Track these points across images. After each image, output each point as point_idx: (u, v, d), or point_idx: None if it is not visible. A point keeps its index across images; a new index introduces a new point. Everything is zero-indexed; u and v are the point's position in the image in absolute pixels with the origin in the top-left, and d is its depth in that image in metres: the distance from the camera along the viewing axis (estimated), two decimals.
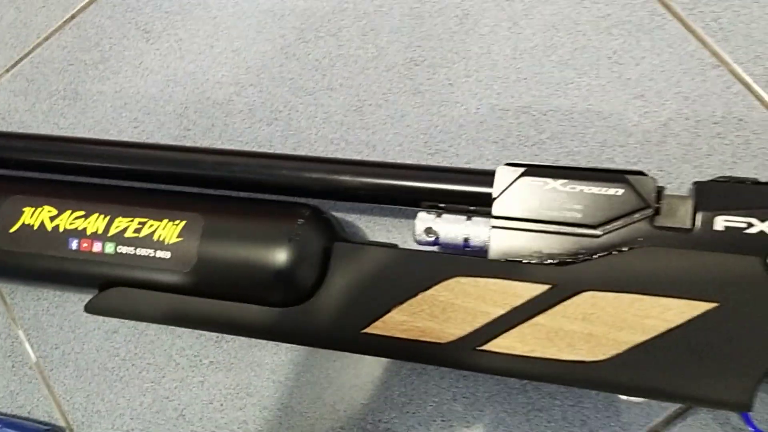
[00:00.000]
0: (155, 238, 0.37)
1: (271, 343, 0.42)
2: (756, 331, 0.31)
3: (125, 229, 0.37)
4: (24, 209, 0.39)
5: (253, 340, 0.42)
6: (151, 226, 0.37)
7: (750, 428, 0.32)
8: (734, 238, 0.32)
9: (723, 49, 0.40)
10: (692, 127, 0.39)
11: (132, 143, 0.43)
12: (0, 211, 0.39)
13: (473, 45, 0.43)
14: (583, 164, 0.39)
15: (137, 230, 0.37)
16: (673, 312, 0.31)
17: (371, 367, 0.40)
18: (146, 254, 0.37)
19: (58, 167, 0.42)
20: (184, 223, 0.37)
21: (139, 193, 0.39)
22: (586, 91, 0.41)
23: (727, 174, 0.36)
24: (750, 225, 0.32)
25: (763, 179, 0.33)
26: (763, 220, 0.32)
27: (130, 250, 0.37)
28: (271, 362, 0.42)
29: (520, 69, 0.42)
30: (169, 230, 0.37)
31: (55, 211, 0.39)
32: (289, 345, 0.42)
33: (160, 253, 0.37)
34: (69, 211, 0.38)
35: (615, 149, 0.40)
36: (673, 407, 0.36)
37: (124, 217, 0.38)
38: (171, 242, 0.37)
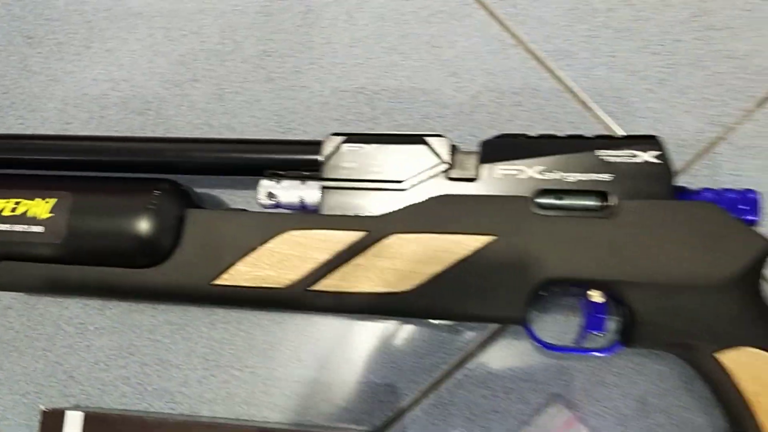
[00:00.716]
0: (29, 215, 0.42)
1: (149, 307, 0.47)
2: (526, 256, 0.38)
3: (2, 210, 0.42)
4: None
5: (133, 305, 0.47)
6: (25, 205, 0.42)
7: (532, 339, 0.39)
8: (509, 183, 0.39)
9: (520, 30, 0.47)
10: (497, 98, 0.46)
11: (12, 135, 0.48)
12: None
13: (316, 36, 0.50)
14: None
15: (13, 209, 0.42)
16: (462, 245, 0.38)
17: (238, 322, 0.46)
18: (22, 230, 0.42)
19: None
20: (54, 201, 0.42)
21: (13, 178, 0.44)
22: (410, 72, 0.48)
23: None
24: (521, 171, 0.39)
25: (534, 134, 0.40)
26: (530, 167, 0.39)
27: (7, 227, 0.42)
28: (149, 323, 0.47)
29: (356, 55, 0.49)
30: (41, 207, 0.42)
31: None
32: (164, 307, 0.47)
33: (34, 228, 0.42)
34: None
35: (435, 120, 0.47)
36: (487, 333, 0.43)
37: (1, 198, 0.43)
38: (43, 218, 0.42)
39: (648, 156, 0.38)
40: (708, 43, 0.44)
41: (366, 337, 0.44)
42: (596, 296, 0.39)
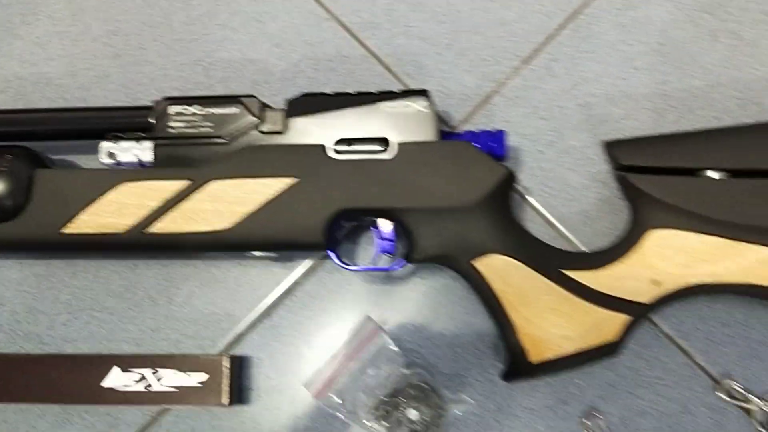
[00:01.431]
0: None
1: (16, 262, 0.53)
2: (322, 192, 0.45)
3: None
4: None
5: (3, 262, 0.53)
6: None
7: (335, 262, 0.47)
8: (311, 134, 0.46)
9: (332, 5, 0.55)
10: (314, 65, 0.54)
11: None
12: None
13: (156, 16, 0.56)
14: None
15: None
16: (270, 187, 0.46)
17: (96, 270, 0.52)
18: None
19: None
20: None
21: None
22: (240, 45, 0.55)
23: None
24: (319, 123, 0.46)
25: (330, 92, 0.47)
26: (327, 119, 0.46)
27: None
28: (17, 276, 0.52)
29: (193, 32, 0.55)
30: None
31: None
32: (31, 261, 0.52)
33: None
34: None
35: (263, 86, 0.54)
36: (309, 264, 0.51)
37: None
38: None
39: (418, 106, 0.46)
40: (484, 12, 0.53)
41: (208, 274, 0.51)
42: (384, 224, 0.47)
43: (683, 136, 0.46)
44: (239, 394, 0.49)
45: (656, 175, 0.44)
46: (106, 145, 0.48)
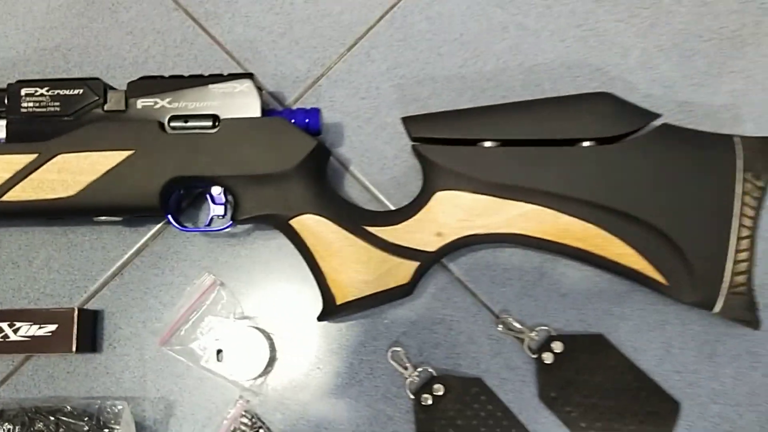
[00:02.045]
0: None
1: None
2: (156, 163, 0.51)
3: None
4: None
5: None
6: None
7: (172, 224, 0.54)
8: (148, 112, 0.53)
9: None
10: (163, 51, 0.60)
11: None
12: None
13: (18, 6, 0.61)
14: None
15: None
16: (110, 158, 0.52)
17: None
18: None
19: None
20: None
21: None
22: (96, 32, 0.60)
23: None
24: (156, 102, 0.53)
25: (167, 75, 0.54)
26: (163, 99, 0.53)
27: None
28: None
29: (53, 20, 0.60)
30: None
31: None
32: None
33: None
34: None
35: (117, 70, 0.59)
36: (156, 228, 0.57)
37: None
38: None
39: (243, 87, 0.53)
40: (314, 4, 0.60)
41: (65, 239, 0.57)
42: (215, 190, 0.54)
43: (465, 112, 0.54)
44: (92, 343, 0.56)
45: (441, 146, 0.53)
46: None
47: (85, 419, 0.52)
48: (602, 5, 0.59)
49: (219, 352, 0.55)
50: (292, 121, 0.53)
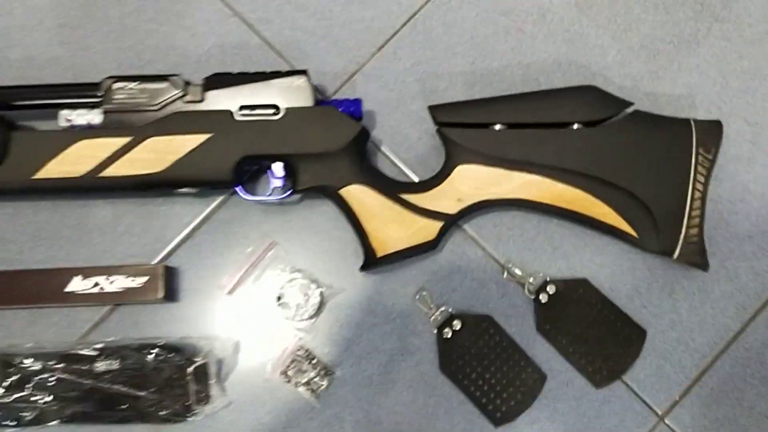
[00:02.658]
0: None
1: None
2: (230, 144, 0.63)
3: None
4: None
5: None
6: None
7: (240, 194, 0.65)
8: (222, 102, 0.64)
9: (234, 4, 0.72)
10: (221, 52, 0.71)
11: None
12: None
13: (96, 11, 0.71)
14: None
15: None
16: (192, 140, 0.63)
17: (55, 209, 0.68)
18: None
19: None
20: None
21: None
22: (165, 35, 0.71)
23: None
24: (229, 94, 0.64)
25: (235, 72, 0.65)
26: (234, 92, 0.64)
27: None
28: None
29: (126, 24, 0.71)
30: None
31: None
32: (2, 204, 0.68)
33: None
34: None
35: (183, 67, 0.70)
36: (221, 200, 0.68)
37: None
38: None
39: (299, 81, 0.65)
40: (349, 12, 0.72)
41: (144, 208, 0.68)
42: (276, 166, 0.66)
43: (478, 101, 0.67)
44: (170, 294, 0.67)
45: (460, 128, 0.65)
46: (64, 113, 0.64)
47: (172, 354, 0.64)
48: (586, 14, 0.72)
49: (279, 298, 0.67)
50: (340, 109, 0.65)
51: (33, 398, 0.63)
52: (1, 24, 0.71)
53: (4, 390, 0.63)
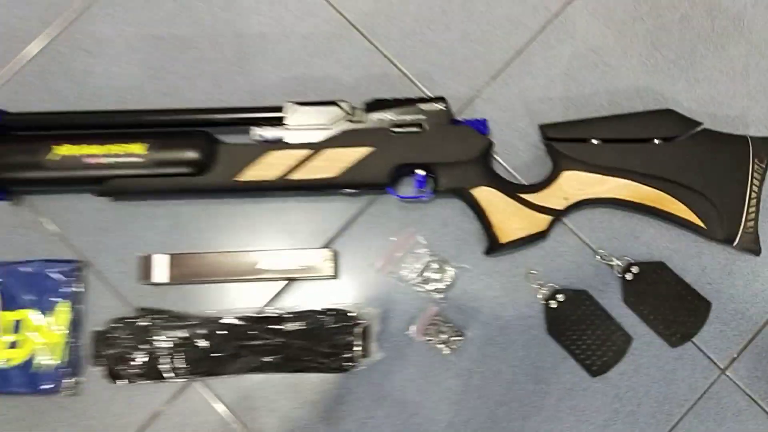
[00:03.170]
0: (130, 151, 0.79)
1: (187, 206, 0.86)
2: (387, 155, 0.81)
3: (111, 151, 0.79)
4: (54, 146, 0.79)
5: (182, 208, 0.86)
6: (125, 147, 0.79)
7: (392, 194, 0.83)
8: (379, 122, 0.82)
9: (378, 43, 0.90)
10: (368, 80, 0.89)
11: (108, 111, 0.84)
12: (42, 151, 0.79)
13: (269, 46, 0.89)
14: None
15: (117, 150, 0.79)
16: (359, 152, 0.81)
17: (243, 208, 0.86)
18: (127, 160, 0.79)
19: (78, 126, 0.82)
20: (147, 144, 0.79)
21: (113, 136, 0.81)
22: (321, 67, 0.89)
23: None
24: (384, 115, 0.82)
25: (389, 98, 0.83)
26: (388, 113, 0.82)
27: (116, 159, 0.79)
28: (190, 212, 0.86)
29: (294, 58, 0.89)
30: (138, 147, 0.79)
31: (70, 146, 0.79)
32: (204, 202, 0.86)
33: (135, 159, 0.79)
34: (82, 144, 0.79)
35: (337, 94, 0.88)
36: (372, 198, 0.86)
37: (110, 144, 0.79)
38: (142, 153, 0.79)
39: (439, 105, 0.83)
40: (468, 48, 0.90)
41: (316, 205, 0.86)
42: (420, 171, 0.83)
43: (579, 121, 0.85)
44: (335, 271, 0.85)
45: (565, 142, 0.83)
46: (257, 129, 0.83)
47: (341, 318, 0.82)
48: (660, 51, 0.90)
49: (419, 275, 0.85)
50: (471, 127, 0.83)
51: (237, 351, 0.81)
52: (190, 56, 0.90)
53: (208, 345, 0.81)
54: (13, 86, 0.89)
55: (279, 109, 0.83)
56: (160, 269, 0.82)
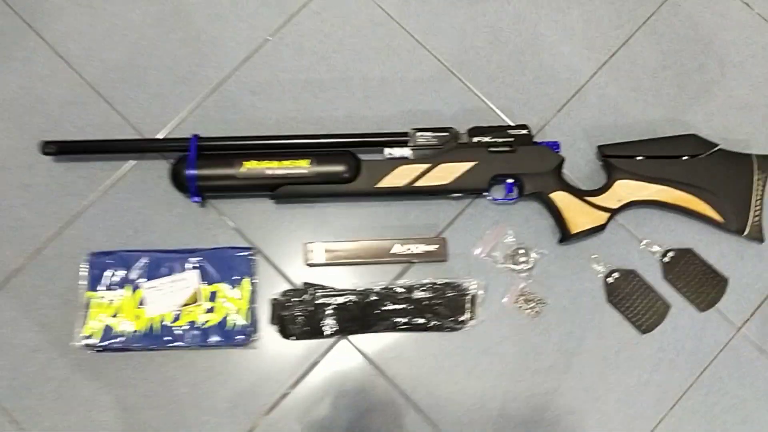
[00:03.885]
0: (297, 165, 1.07)
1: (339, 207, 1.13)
2: (487, 167, 1.09)
3: (286, 164, 1.06)
4: (244, 162, 1.06)
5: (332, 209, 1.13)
6: (295, 163, 1.07)
7: (489, 197, 1.11)
8: (481, 143, 1.10)
9: (467, 81, 1.18)
10: (458, 114, 1.17)
11: (280, 135, 1.11)
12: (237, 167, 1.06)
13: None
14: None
15: (289, 164, 1.06)
16: (466, 165, 1.09)
17: (387, 208, 1.13)
18: (296, 172, 1.06)
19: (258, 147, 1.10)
20: (309, 159, 1.07)
21: (280, 154, 1.08)
22: (418, 103, 1.17)
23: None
24: (481, 140, 1.10)
25: (485, 125, 1.11)
26: (486, 137, 1.10)
27: (287, 171, 1.06)
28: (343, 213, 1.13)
29: (408, 97, 1.17)
30: (304, 162, 1.07)
31: (256, 162, 1.06)
32: (347, 203, 1.13)
33: (302, 170, 1.06)
34: (264, 160, 1.06)
35: (434, 123, 1.16)
36: (469, 200, 1.14)
37: (283, 160, 1.07)
38: (305, 165, 1.07)
39: (524, 131, 1.11)
40: (540, 87, 1.18)
41: (427, 207, 1.13)
42: (510, 180, 1.11)
43: (628, 143, 1.13)
44: (446, 255, 1.12)
45: (617, 158, 1.11)
46: (388, 150, 1.11)
47: (456, 288, 1.08)
48: (684, 90, 1.19)
49: (510, 258, 1.11)
50: (549, 146, 1.11)
51: (378, 315, 1.07)
52: (329, 95, 1.18)
53: (356, 310, 1.07)
54: (197, 117, 1.17)
55: (405, 134, 1.11)
56: (319, 253, 1.09)
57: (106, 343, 1.05)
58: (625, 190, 1.11)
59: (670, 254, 1.13)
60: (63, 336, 1.07)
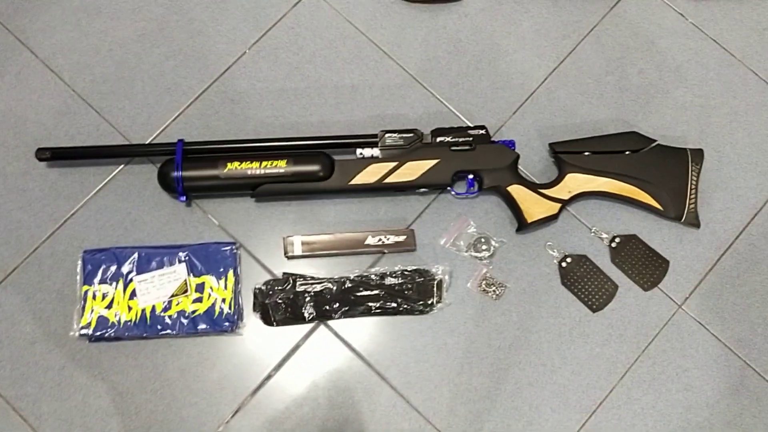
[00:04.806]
0: (275, 165, 1.16)
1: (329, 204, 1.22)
2: (449, 164, 1.20)
3: (269, 164, 1.16)
4: (227, 163, 1.15)
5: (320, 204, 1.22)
6: (273, 162, 1.16)
7: (451, 192, 1.22)
8: (444, 142, 1.21)
9: (422, 80, 1.29)
10: (426, 116, 1.28)
11: (259, 139, 1.21)
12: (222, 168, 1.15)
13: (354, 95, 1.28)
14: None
15: (268, 164, 1.16)
16: (429, 163, 1.20)
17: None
18: (275, 171, 1.16)
19: (239, 150, 1.19)
20: (285, 160, 1.17)
21: (259, 155, 1.18)
22: (391, 107, 1.28)
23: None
24: (444, 139, 1.21)
25: (446, 127, 1.22)
26: (448, 137, 1.21)
27: (267, 171, 1.16)
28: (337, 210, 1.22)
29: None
30: (281, 162, 1.16)
31: (238, 163, 1.16)
32: (335, 200, 1.22)
33: (279, 170, 1.16)
34: (245, 162, 1.16)
35: (407, 125, 1.27)
36: (434, 195, 1.24)
37: (263, 162, 1.16)
38: (283, 165, 1.16)
39: (482, 131, 1.23)
40: (496, 92, 1.30)
41: (392, 203, 1.23)
42: (470, 176, 1.22)
43: (576, 140, 1.25)
44: (414, 245, 1.22)
45: (567, 154, 1.23)
46: (359, 150, 1.21)
47: (423, 274, 1.18)
48: (625, 94, 1.31)
49: (473, 246, 1.22)
50: (505, 145, 1.22)
51: (353, 300, 1.17)
52: (304, 102, 1.28)
53: (338, 295, 1.17)
54: (181, 124, 1.26)
55: (374, 136, 1.21)
56: (297, 246, 1.19)
57: (100, 333, 1.13)
58: (575, 182, 1.23)
59: (617, 240, 1.24)
60: (60, 328, 1.15)
